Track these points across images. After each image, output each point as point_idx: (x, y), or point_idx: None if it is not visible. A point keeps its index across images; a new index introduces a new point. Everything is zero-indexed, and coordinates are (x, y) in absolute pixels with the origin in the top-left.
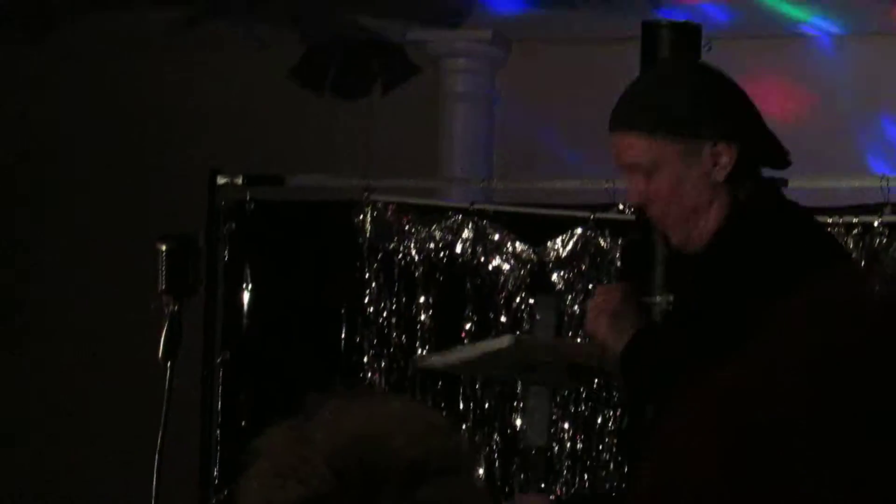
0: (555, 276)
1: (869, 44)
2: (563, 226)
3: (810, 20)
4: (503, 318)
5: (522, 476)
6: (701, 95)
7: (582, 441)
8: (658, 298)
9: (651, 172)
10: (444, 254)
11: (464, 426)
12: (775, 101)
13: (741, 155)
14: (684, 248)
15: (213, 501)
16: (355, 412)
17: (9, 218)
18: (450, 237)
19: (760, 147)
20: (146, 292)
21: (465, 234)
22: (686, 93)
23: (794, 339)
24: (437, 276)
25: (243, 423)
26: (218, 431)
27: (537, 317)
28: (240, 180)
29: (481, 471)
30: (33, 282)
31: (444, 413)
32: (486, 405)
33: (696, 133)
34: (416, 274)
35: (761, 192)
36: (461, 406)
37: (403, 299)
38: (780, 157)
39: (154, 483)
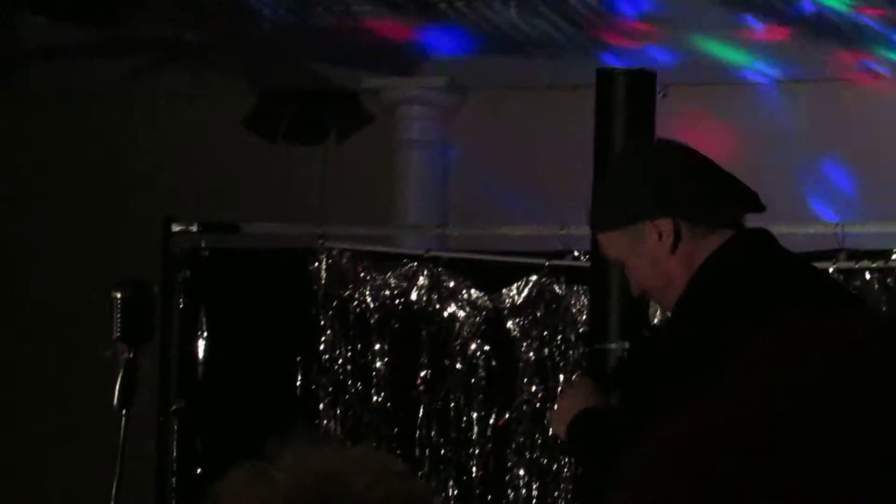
0: (510, 324)
1: (812, 89)
2: (519, 273)
3: (752, 66)
4: (458, 366)
5: None
6: (637, 181)
7: (537, 488)
8: (614, 345)
9: (622, 262)
10: (400, 301)
11: (419, 473)
12: (720, 147)
13: (680, 223)
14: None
15: None
16: (316, 456)
17: None
18: (405, 284)
19: (705, 208)
20: (101, 340)
21: (421, 281)
22: (626, 183)
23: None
24: (393, 323)
25: (199, 471)
26: (173, 479)
27: None
28: (195, 228)
29: None
30: None
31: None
32: (442, 452)
33: (635, 218)
34: (372, 321)
35: (726, 246)
36: (417, 452)
37: (359, 346)
38: (744, 205)
39: None
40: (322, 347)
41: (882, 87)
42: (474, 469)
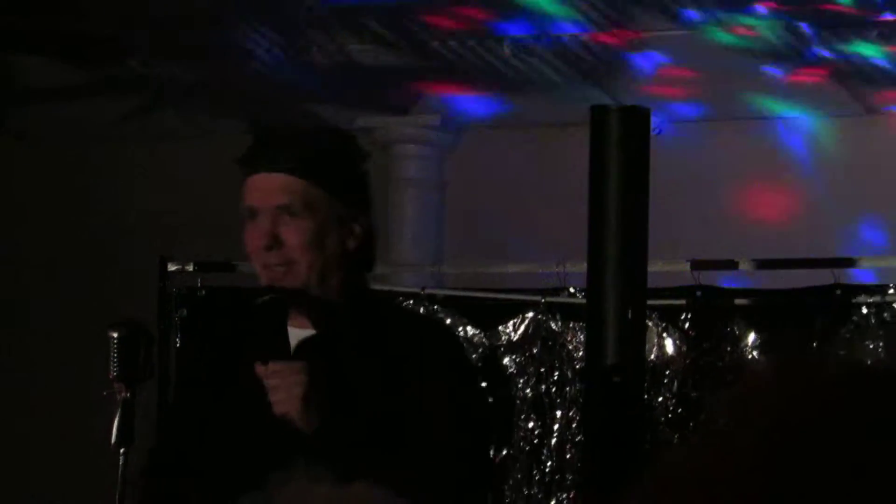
0: (506, 360)
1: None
2: (515, 309)
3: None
4: None
5: None
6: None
7: None
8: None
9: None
10: None
11: None
12: (710, 182)
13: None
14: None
15: None
16: (317, 492)
17: None
18: None
19: None
20: (99, 380)
21: None
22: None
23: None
24: None
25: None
26: None
27: None
28: (191, 267)
29: None
30: None
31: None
32: None
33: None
34: None
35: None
36: None
37: None
38: None
39: None
40: None
41: None
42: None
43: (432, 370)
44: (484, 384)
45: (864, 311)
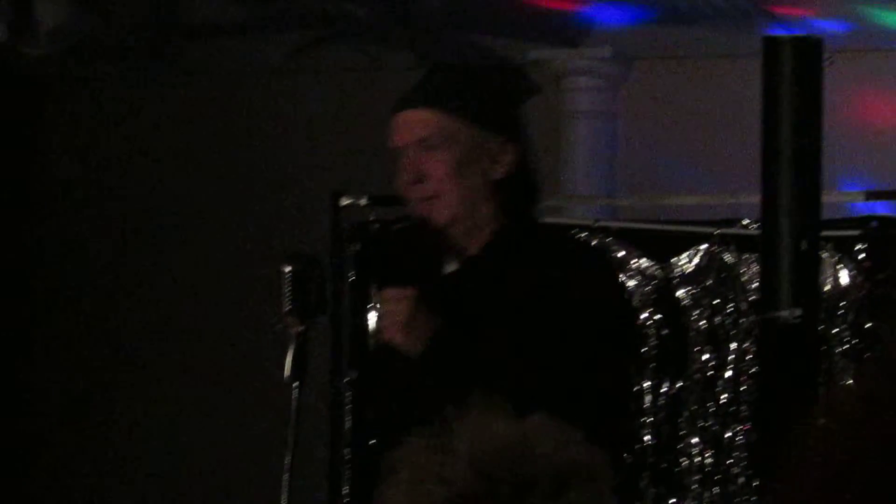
0: (681, 292)
1: None
2: (688, 242)
3: None
4: None
5: (653, 491)
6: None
7: (711, 456)
8: (785, 313)
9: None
10: None
11: None
12: (887, 113)
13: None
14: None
15: None
16: (496, 425)
17: (138, 244)
18: None
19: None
20: (271, 314)
21: None
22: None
23: None
24: None
25: (373, 442)
26: (347, 450)
27: None
28: (363, 201)
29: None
30: (162, 306)
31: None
32: None
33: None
34: None
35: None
36: None
37: None
38: None
39: (283, 501)
40: None
41: None
42: (647, 437)
43: (578, 304)
44: (657, 317)
45: None
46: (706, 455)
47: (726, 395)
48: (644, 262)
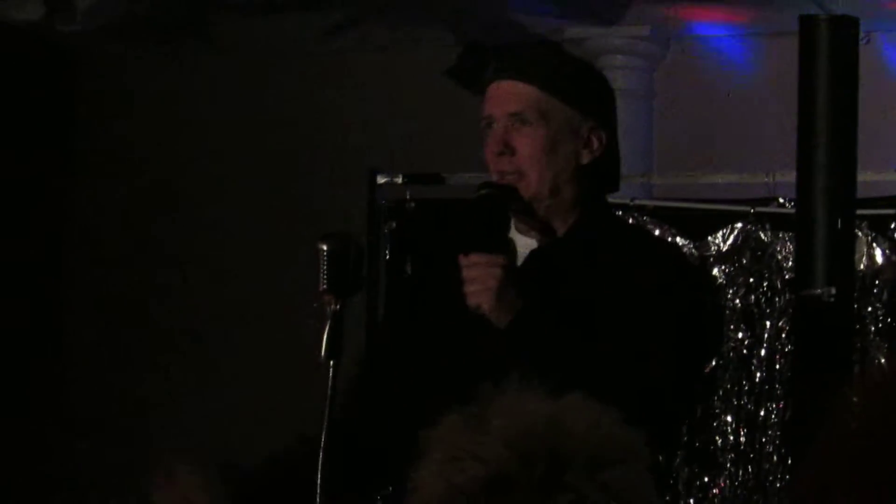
0: (716, 271)
1: None
2: (724, 220)
3: None
4: None
5: (687, 470)
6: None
7: (745, 435)
8: (820, 291)
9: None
10: None
11: None
12: None
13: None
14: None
15: (379, 497)
16: (532, 402)
17: (171, 222)
18: None
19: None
20: (308, 292)
21: None
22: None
23: None
24: None
25: (406, 419)
26: None
27: None
28: (399, 179)
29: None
30: (196, 284)
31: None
32: None
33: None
34: None
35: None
36: None
37: None
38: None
39: (318, 480)
40: None
41: None
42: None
43: (655, 291)
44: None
45: None
46: (740, 433)
47: (761, 374)
48: (680, 241)
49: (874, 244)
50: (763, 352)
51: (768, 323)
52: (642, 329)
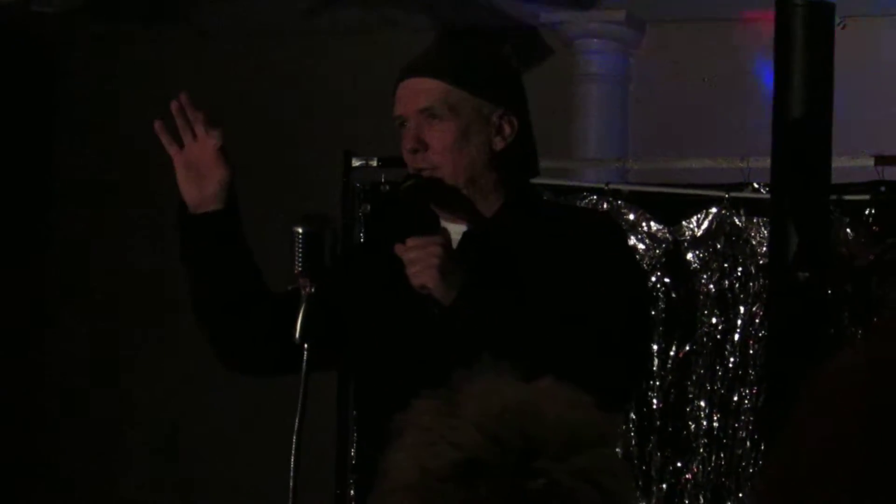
0: (690, 255)
1: None
2: (698, 205)
3: None
4: None
5: (659, 455)
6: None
7: (718, 420)
8: (801, 275)
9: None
10: None
11: None
12: None
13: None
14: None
15: (352, 481)
16: (505, 386)
17: (152, 207)
18: None
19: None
20: (282, 275)
21: None
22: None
23: None
24: None
25: (380, 402)
26: (355, 412)
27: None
28: (375, 162)
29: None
30: (169, 268)
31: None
32: None
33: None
34: None
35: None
36: None
37: None
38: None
39: (292, 463)
40: None
41: None
42: (655, 401)
43: (594, 262)
44: (667, 280)
45: None
46: (713, 418)
47: (734, 359)
48: (654, 225)
49: (847, 229)
50: (737, 337)
51: (742, 308)
52: (579, 292)
